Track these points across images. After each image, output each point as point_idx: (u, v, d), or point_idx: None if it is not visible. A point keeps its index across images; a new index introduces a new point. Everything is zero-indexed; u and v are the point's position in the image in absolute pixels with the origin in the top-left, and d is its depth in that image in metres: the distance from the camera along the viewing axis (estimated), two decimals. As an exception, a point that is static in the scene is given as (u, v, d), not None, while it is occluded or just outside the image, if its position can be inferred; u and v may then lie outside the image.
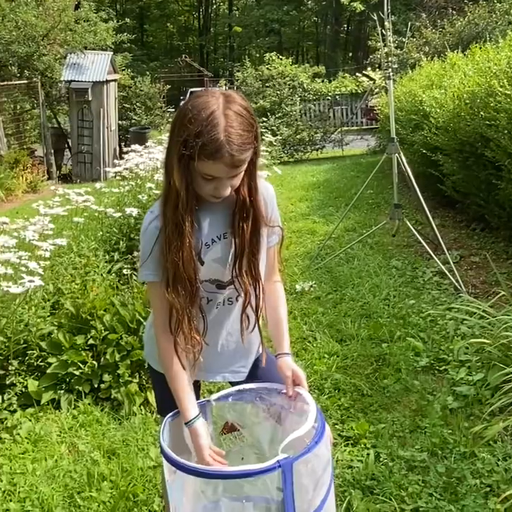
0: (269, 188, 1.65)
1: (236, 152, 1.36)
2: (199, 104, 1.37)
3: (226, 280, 1.58)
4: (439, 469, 2.25)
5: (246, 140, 1.37)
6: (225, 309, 1.62)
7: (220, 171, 1.39)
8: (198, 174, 1.41)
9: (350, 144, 13.69)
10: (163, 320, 1.52)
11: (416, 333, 3.45)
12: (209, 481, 1.41)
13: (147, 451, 2.52)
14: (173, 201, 1.45)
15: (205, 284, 1.56)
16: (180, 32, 35.97)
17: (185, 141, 1.36)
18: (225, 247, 1.55)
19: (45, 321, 3.19)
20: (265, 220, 1.58)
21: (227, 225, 1.55)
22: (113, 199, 4.55)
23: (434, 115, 5.45)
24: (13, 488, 2.33)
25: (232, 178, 1.43)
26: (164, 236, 1.47)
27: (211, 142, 1.34)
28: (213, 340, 1.63)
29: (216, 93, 1.40)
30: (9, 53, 10.88)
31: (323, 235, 5.91)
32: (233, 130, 1.35)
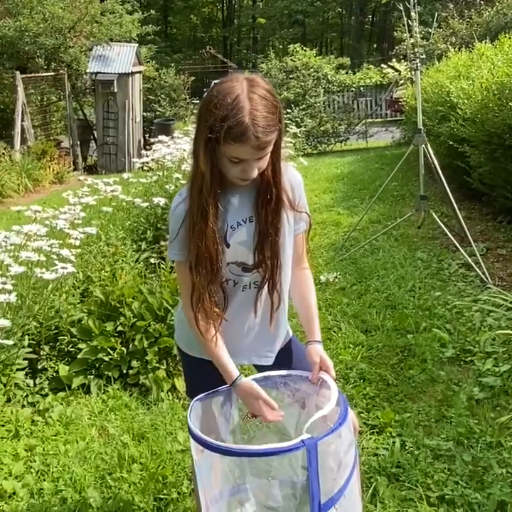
0: (297, 174, 1.68)
1: (261, 134, 1.39)
2: (224, 89, 1.42)
3: (251, 263, 1.60)
4: (465, 458, 2.26)
5: (271, 122, 1.41)
6: (251, 292, 1.64)
7: (247, 153, 1.43)
8: (225, 157, 1.45)
9: (374, 136, 13.58)
10: (187, 295, 1.57)
11: (442, 324, 3.45)
12: (236, 459, 1.44)
13: (175, 436, 2.57)
14: (199, 184, 1.50)
15: (231, 267, 1.60)
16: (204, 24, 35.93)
17: (212, 125, 1.40)
18: (250, 230, 1.59)
19: (75, 308, 3.26)
20: (292, 204, 1.62)
21: (253, 209, 1.58)
22: (140, 189, 4.61)
23: (461, 106, 5.39)
24: (47, 469, 2.40)
25: (258, 160, 1.47)
26: (189, 218, 1.53)
27: (237, 125, 1.38)
28: (240, 323, 1.66)
29: (240, 78, 1.44)
30: (37, 45, 11.01)
31: (347, 226, 5.91)
32: (258, 113, 1.39)
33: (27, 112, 10.53)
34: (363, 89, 14.39)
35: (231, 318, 1.64)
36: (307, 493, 1.38)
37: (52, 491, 2.26)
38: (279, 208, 1.57)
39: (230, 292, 1.63)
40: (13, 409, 2.77)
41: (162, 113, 12.83)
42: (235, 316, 1.65)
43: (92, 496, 2.18)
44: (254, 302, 1.65)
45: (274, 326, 1.69)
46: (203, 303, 1.54)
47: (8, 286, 2.39)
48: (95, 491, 2.21)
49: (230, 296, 1.63)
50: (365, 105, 14.32)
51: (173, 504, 2.18)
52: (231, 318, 1.63)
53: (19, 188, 8.83)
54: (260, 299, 1.65)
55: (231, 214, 1.57)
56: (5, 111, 12.18)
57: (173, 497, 2.20)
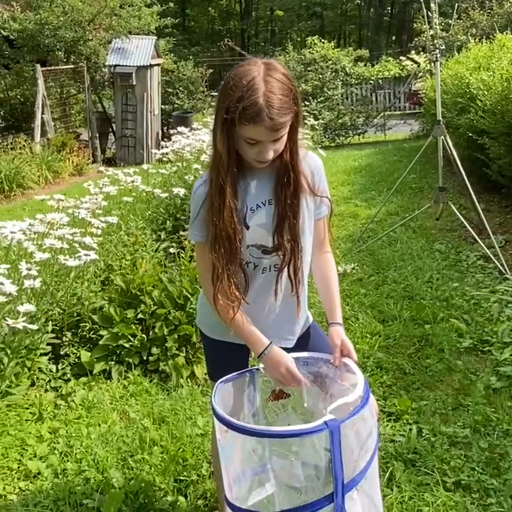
0: (317, 159, 1.70)
1: (275, 115, 1.42)
2: (241, 72, 1.46)
3: (271, 246, 1.63)
4: (481, 445, 2.29)
5: (285, 104, 1.44)
6: (271, 275, 1.67)
7: (261, 135, 1.46)
8: (242, 139, 1.49)
9: (392, 129, 13.50)
10: (207, 276, 1.61)
11: (459, 315, 3.46)
12: (259, 439, 1.48)
13: (195, 420, 2.62)
14: (216, 164, 1.54)
15: (251, 249, 1.63)
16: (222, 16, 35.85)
17: (228, 106, 1.45)
18: (269, 212, 1.61)
19: (96, 296, 3.32)
20: (311, 188, 1.64)
21: (272, 192, 1.61)
22: (160, 180, 4.65)
23: (481, 98, 5.36)
24: (70, 450, 2.46)
25: (274, 142, 1.50)
26: (209, 198, 1.57)
27: (251, 106, 1.41)
28: (260, 305, 1.69)
29: (258, 62, 1.48)
30: (56, 38, 11.08)
31: (365, 218, 5.91)
32: (273, 95, 1.42)
33: (47, 105, 10.63)
34: (382, 81, 14.28)
35: (251, 301, 1.67)
36: (330, 474, 1.41)
37: (76, 471, 2.33)
38: (297, 192, 1.60)
39: (251, 275, 1.66)
40: (37, 393, 2.84)
41: (180, 105, 12.86)
42: (255, 299, 1.68)
43: (114, 477, 2.24)
44: (274, 285, 1.67)
45: (294, 309, 1.72)
46: (222, 283, 1.57)
47: (33, 272, 2.44)
48: (117, 472, 2.27)
49: (251, 279, 1.66)
50: (383, 98, 14.22)
51: (193, 485, 2.23)
52: (251, 300, 1.67)
53: (39, 179, 8.94)
54: (280, 281, 1.67)
55: (250, 196, 1.61)
56: (25, 104, 12.31)
57: (192, 479, 2.25)
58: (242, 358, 1.84)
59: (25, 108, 12.24)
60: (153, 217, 4.36)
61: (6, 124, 12.07)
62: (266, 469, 1.60)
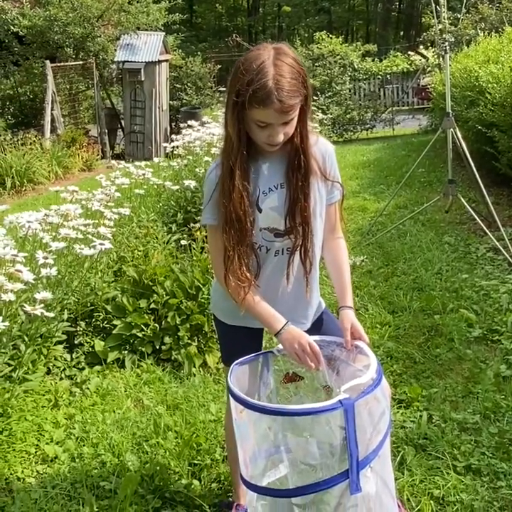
0: (328, 144, 1.74)
1: (285, 98, 1.46)
2: (251, 56, 1.51)
3: (283, 229, 1.67)
4: (491, 431, 2.31)
5: (294, 87, 1.48)
6: (283, 258, 1.70)
7: (271, 117, 1.50)
8: (252, 122, 1.53)
9: (401, 124, 13.48)
10: (219, 259, 1.64)
11: (469, 305, 3.48)
12: (274, 417, 1.51)
13: (208, 407, 2.66)
14: (227, 147, 1.59)
15: (264, 233, 1.67)
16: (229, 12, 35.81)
17: (238, 90, 1.49)
18: (281, 196, 1.65)
19: (109, 286, 3.37)
20: (323, 172, 1.68)
21: (284, 176, 1.65)
22: (170, 173, 4.69)
23: (490, 91, 5.36)
24: (86, 435, 2.51)
25: (284, 125, 1.53)
26: (221, 181, 1.61)
27: (261, 89, 1.46)
28: (273, 289, 1.72)
29: (268, 46, 1.53)
30: (65, 35, 11.14)
31: (374, 211, 5.93)
32: (282, 78, 1.46)
33: (56, 101, 10.69)
34: (390, 76, 14.25)
35: (264, 284, 1.70)
36: (345, 452, 1.44)
37: (92, 455, 2.38)
38: (307, 174, 1.63)
39: (263, 258, 1.69)
40: (52, 381, 2.89)
41: (188, 101, 12.88)
42: (268, 282, 1.71)
43: (130, 460, 2.28)
44: (286, 268, 1.70)
45: (307, 292, 1.75)
46: (232, 264, 1.61)
47: (49, 260, 2.49)
48: (133, 456, 2.32)
49: (263, 263, 1.69)
50: (391, 93, 14.19)
51: (207, 469, 2.27)
52: (264, 284, 1.70)
53: (50, 175, 9.00)
54: (292, 264, 1.70)
55: (262, 180, 1.64)
56: (34, 100, 12.39)
57: (206, 463, 2.30)
58: (256, 342, 1.87)
59: (34, 104, 12.32)
60: (164, 210, 4.40)
61: (16, 121, 12.14)
62: (279, 451, 1.64)
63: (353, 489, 1.43)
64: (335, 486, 1.45)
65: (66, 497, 2.15)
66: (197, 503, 2.11)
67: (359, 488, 1.44)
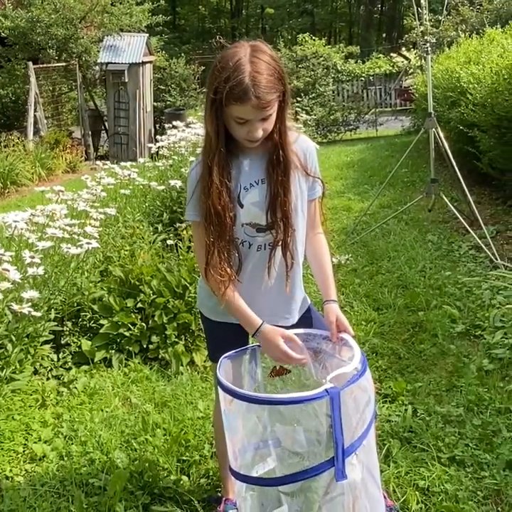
0: (309, 141, 1.77)
1: (262, 94, 1.49)
2: (228, 54, 1.53)
3: (264, 224, 1.69)
4: (475, 423, 2.36)
5: (271, 83, 1.51)
6: (266, 253, 1.72)
7: (249, 113, 1.52)
8: (231, 118, 1.55)
9: (384, 125, 13.60)
10: (202, 254, 1.66)
11: (452, 302, 3.53)
12: (263, 407, 1.54)
13: (196, 404, 2.68)
14: (206, 144, 1.62)
15: (246, 228, 1.69)
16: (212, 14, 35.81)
17: (216, 88, 1.52)
18: (262, 191, 1.67)
19: (96, 286, 3.37)
20: (304, 168, 1.70)
21: (265, 171, 1.67)
22: (156, 173, 4.70)
23: (471, 91, 5.44)
24: (74, 434, 2.52)
25: (262, 121, 1.56)
26: (201, 179, 1.63)
27: (237, 85, 1.48)
28: (256, 284, 1.74)
29: (244, 44, 1.56)
30: (48, 36, 11.08)
31: (358, 211, 5.99)
32: (259, 74, 1.49)
33: (39, 103, 10.64)
34: (373, 78, 14.37)
35: (247, 279, 1.72)
36: (331, 439, 1.48)
37: (81, 453, 2.38)
38: (287, 170, 1.66)
39: (245, 254, 1.71)
40: (40, 381, 2.89)
41: (172, 103, 12.88)
42: (250, 277, 1.73)
43: (118, 457, 2.29)
44: (267, 262, 1.72)
45: (290, 288, 1.77)
46: (212, 258, 1.63)
47: (36, 260, 2.49)
48: (122, 453, 2.33)
49: (246, 258, 1.71)
50: (374, 94, 14.31)
51: (195, 465, 2.29)
52: (247, 279, 1.72)
53: (33, 176, 8.95)
54: (274, 259, 1.72)
55: (244, 176, 1.67)
56: (17, 102, 12.29)
57: (195, 459, 2.31)
58: (242, 338, 1.87)
59: (16, 106, 12.22)
60: (149, 210, 4.41)
61: (-2, 123, 12.06)
62: (268, 445, 1.67)
63: (338, 476, 1.46)
64: (322, 474, 1.48)
65: (55, 494, 2.16)
66: (186, 498, 2.13)
67: (344, 475, 1.47)
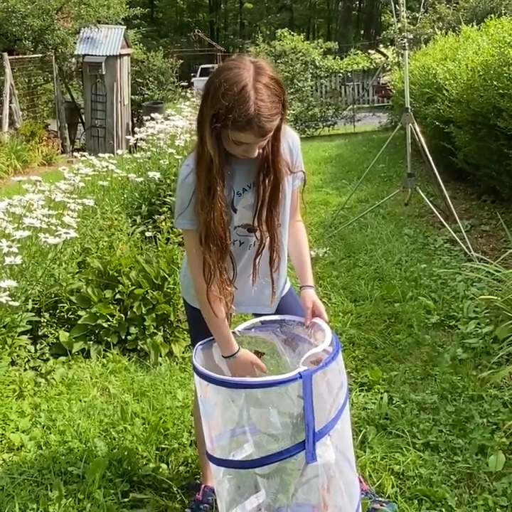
0: (295, 135, 1.79)
1: (264, 123, 1.48)
2: (231, 77, 1.47)
3: (255, 225, 1.71)
4: (448, 409, 2.41)
5: (274, 111, 1.50)
6: (255, 249, 1.75)
7: (250, 139, 1.53)
8: (230, 140, 1.53)
9: (361, 121, 13.73)
10: (198, 265, 1.66)
11: (427, 293, 3.60)
12: (238, 390, 1.56)
13: (174, 394, 2.69)
14: (207, 166, 1.57)
15: (238, 229, 1.72)
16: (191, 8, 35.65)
17: (217, 113, 1.48)
18: (253, 194, 1.69)
19: (73, 277, 3.35)
20: (290, 168, 1.72)
21: (255, 176, 1.68)
22: (134, 165, 4.69)
23: (447, 87, 5.52)
24: (52, 423, 2.51)
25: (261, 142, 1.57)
26: (198, 193, 1.59)
27: (242, 116, 1.46)
28: (246, 278, 1.78)
29: (247, 64, 1.50)
30: (24, 27, 10.94)
31: (336, 205, 6.04)
32: (262, 103, 1.47)
33: (15, 94, 10.49)
34: (351, 74, 14.46)
35: (238, 273, 1.75)
36: (303, 421, 1.51)
37: (59, 442, 2.38)
38: (277, 179, 1.66)
39: (237, 252, 1.73)
40: (17, 372, 2.87)
41: (150, 96, 12.81)
42: (241, 273, 1.76)
43: (97, 446, 2.30)
44: (258, 257, 1.75)
45: (275, 278, 1.80)
46: (215, 278, 1.64)
47: (13, 249, 2.48)
48: (100, 442, 2.33)
49: (237, 257, 1.74)
50: (352, 90, 14.40)
51: (174, 453, 2.30)
52: (238, 275, 1.75)
53: (8, 169, 8.84)
54: (261, 255, 1.75)
55: (237, 181, 1.67)
56: (-9, 93, 12.12)
57: (174, 447, 2.33)
58: None
59: (-9, 98, 12.04)
60: (128, 202, 4.40)
61: (-28, 114, 11.86)
62: (244, 431, 1.69)
63: (309, 458, 1.50)
64: (296, 455, 1.51)
65: (34, 483, 2.15)
66: (165, 485, 2.14)
67: (315, 457, 1.50)
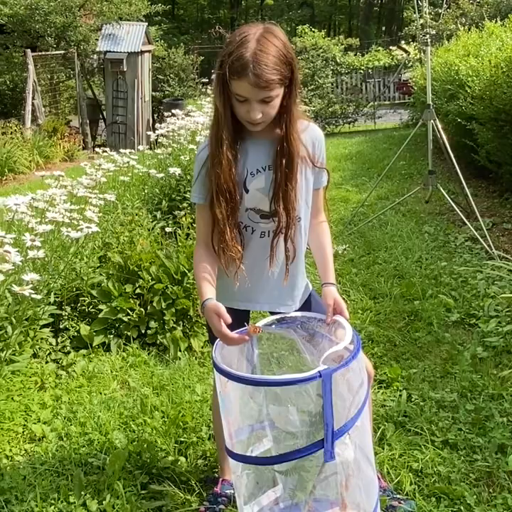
0: (318, 130, 1.78)
1: (260, 72, 1.47)
2: (239, 30, 1.55)
3: (268, 211, 1.71)
4: (468, 408, 2.40)
5: (273, 64, 1.49)
6: (268, 240, 1.74)
7: (247, 91, 1.51)
8: (232, 95, 1.55)
9: (382, 118, 13.63)
10: (204, 237, 1.70)
11: (447, 291, 3.57)
12: (257, 388, 1.56)
13: (193, 388, 2.71)
14: (216, 120, 1.63)
15: (249, 213, 1.71)
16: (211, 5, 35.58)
17: (221, 61, 1.53)
18: (268, 178, 1.69)
19: (94, 272, 3.40)
20: (311, 159, 1.71)
21: (271, 159, 1.68)
22: (155, 161, 4.71)
23: (470, 84, 5.46)
24: (73, 415, 2.54)
25: (262, 103, 1.54)
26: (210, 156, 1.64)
27: (238, 59, 1.48)
28: (259, 270, 1.77)
29: (259, 24, 1.55)
30: (47, 24, 11.05)
31: (356, 202, 6.01)
32: (261, 53, 1.48)
33: (37, 90, 10.61)
34: (372, 71, 14.36)
35: (250, 265, 1.74)
36: (322, 420, 1.51)
37: (80, 434, 2.41)
38: (292, 161, 1.66)
39: (248, 239, 1.73)
40: (39, 364, 2.92)
41: (171, 92, 12.86)
42: (253, 264, 1.75)
43: (117, 438, 2.33)
44: (272, 250, 1.74)
45: (292, 275, 1.80)
46: (225, 236, 1.65)
47: (36, 243, 2.51)
48: (120, 434, 2.36)
49: (248, 244, 1.73)
50: (373, 87, 14.30)
51: (193, 447, 2.32)
52: (250, 265, 1.74)
53: (31, 164, 8.95)
54: (277, 247, 1.74)
55: (251, 161, 1.68)
56: (14, 90, 12.26)
57: (192, 440, 2.35)
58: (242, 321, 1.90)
59: (14, 94, 12.19)
60: (148, 198, 4.43)
61: (-5, 111, 12.03)
62: (263, 426, 1.70)
63: (327, 457, 1.49)
64: (315, 453, 1.51)
65: (54, 473, 2.19)
66: (183, 478, 2.16)
67: (333, 456, 1.50)
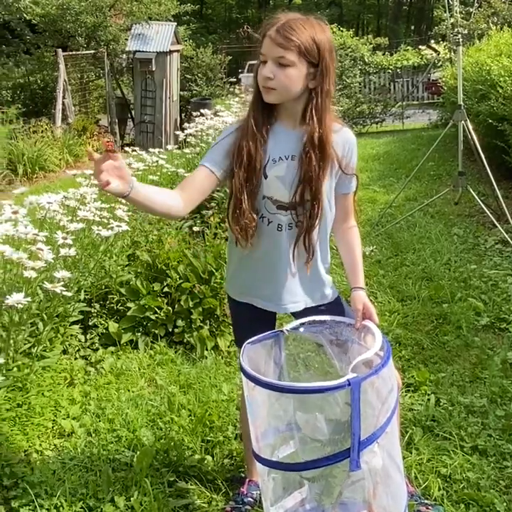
0: (351, 134, 1.78)
1: (282, 30, 1.55)
2: None
3: (287, 201, 1.68)
4: (498, 414, 2.37)
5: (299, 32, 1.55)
6: (285, 234, 1.71)
7: (266, 45, 1.58)
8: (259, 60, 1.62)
9: (410, 118, 13.49)
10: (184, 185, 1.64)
11: (477, 295, 3.53)
12: (284, 395, 1.56)
13: (220, 387, 2.72)
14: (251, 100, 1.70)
15: (266, 201, 1.69)
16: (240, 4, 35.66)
17: None
18: (290, 168, 1.67)
19: (123, 270, 3.43)
20: (340, 160, 1.70)
21: (296, 149, 1.67)
22: (183, 160, 4.74)
23: (502, 84, 5.38)
24: (101, 412, 2.58)
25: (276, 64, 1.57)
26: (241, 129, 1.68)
27: (274, 19, 1.59)
28: (273, 264, 1.74)
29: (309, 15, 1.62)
30: (77, 24, 11.19)
31: (383, 203, 5.97)
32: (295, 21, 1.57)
33: (68, 90, 10.75)
34: (400, 70, 14.23)
35: (263, 257, 1.73)
36: (350, 428, 1.50)
37: (108, 430, 2.44)
38: (324, 154, 1.65)
39: (263, 230, 1.71)
40: (68, 361, 2.96)
41: (199, 92, 12.91)
42: (267, 256, 1.73)
43: (145, 435, 2.35)
44: (289, 245, 1.72)
45: (312, 274, 1.78)
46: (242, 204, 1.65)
47: (68, 241, 2.55)
48: (148, 431, 2.38)
49: (262, 234, 1.71)
50: (401, 87, 14.17)
51: (219, 446, 2.34)
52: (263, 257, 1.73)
53: (60, 162, 9.06)
54: (298, 243, 1.71)
55: (274, 147, 1.67)
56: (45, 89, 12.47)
57: (219, 439, 2.36)
58: (267, 323, 1.89)
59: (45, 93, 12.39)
60: (176, 197, 4.45)
61: (27, 109, 12.21)
62: (290, 427, 1.70)
63: (353, 466, 1.48)
64: (343, 461, 1.50)
65: (83, 469, 2.22)
66: (210, 477, 2.18)
67: (359, 465, 1.48)
